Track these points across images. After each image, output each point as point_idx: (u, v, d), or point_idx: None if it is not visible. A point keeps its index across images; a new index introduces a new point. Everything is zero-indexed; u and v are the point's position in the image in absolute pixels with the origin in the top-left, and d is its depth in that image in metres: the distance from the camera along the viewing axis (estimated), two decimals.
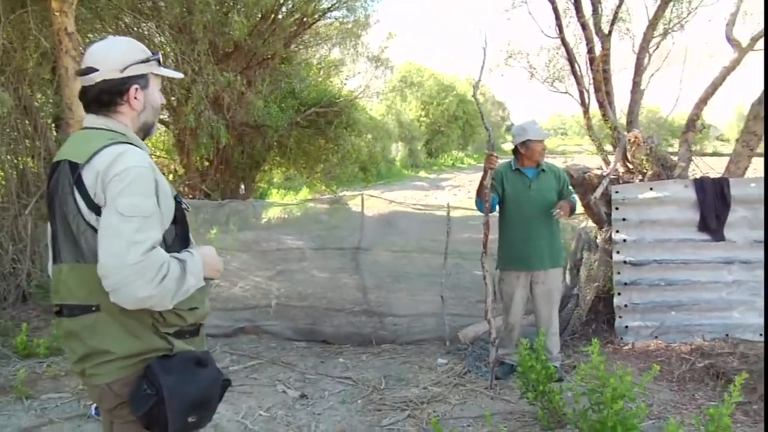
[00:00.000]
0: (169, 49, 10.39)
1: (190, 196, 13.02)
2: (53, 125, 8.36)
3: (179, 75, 2.53)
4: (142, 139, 2.38)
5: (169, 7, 9.43)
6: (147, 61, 2.31)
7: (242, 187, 15.39)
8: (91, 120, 2.29)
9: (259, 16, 11.99)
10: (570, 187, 5.69)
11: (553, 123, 70.52)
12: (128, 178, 2.05)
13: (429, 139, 39.93)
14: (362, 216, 8.42)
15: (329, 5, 13.34)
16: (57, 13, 6.64)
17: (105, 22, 9.53)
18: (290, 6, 12.68)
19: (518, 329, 5.74)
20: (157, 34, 10.91)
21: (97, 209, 2.07)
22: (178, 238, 2.25)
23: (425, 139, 39.33)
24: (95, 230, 2.07)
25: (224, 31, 10.64)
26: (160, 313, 2.15)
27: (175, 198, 2.26)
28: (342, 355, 6.47)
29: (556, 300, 5.67)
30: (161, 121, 13.32)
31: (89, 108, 2.29)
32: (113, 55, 2.26)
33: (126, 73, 2.25)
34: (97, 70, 2.22)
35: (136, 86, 2.29)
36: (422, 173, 34.21)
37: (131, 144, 2.19)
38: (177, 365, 2.15)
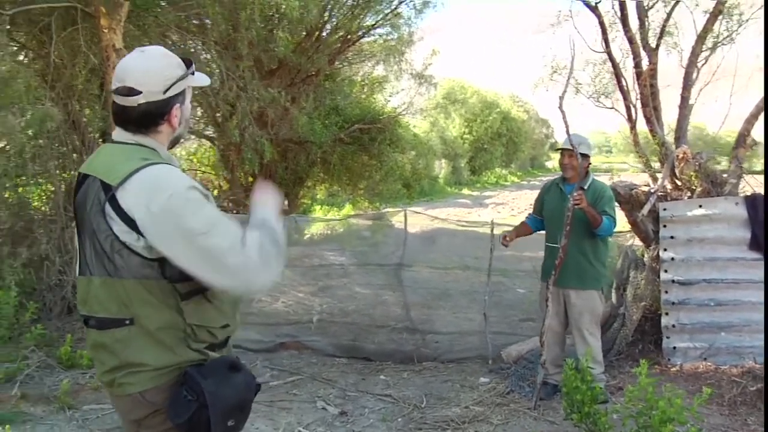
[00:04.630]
0: (215, 66, 10.50)
1: (235, 211, 13.11)
2: (100, 140, 8.48)
3: (208, 81, 2.43)
4: (171, 148, 2.35)
5: (215, 24, 9.52)
6: (185, 76, 2.24)
7: (286, 202, 15.44)
8: (122, 135, 2.22)
9: (304, 33, 12.07)
10: (607, 208, 5.33)
11: (596, 139, 69.34)
12: (179, 201, 2.02)
13: (472, 156, 39.78)
14: (405, 232, 8.36)
15: (373, 22, 13.36)
16: (105, 30, 6.77)
17: (152, 39, 9.68)
18: (334, 23, 12.73)
19: (552, 345, 5.56)
20: (203, 51, 11.05)
21: (139, 231, 2.03)
22: None
23: (468, 157, 39.18)
24: (130, 249, 2.05)
25: (269, 47, 10.72)
26: (191, 328, 2.14)
27: None
28: (383, 373, 6.42)
29: (585, 324, 5.41)
30: (206, 137, 13.47)
31: (126, 126, 2.21)
32: (155, 75, 2.17)
33: (168, 94, 2.19)
34: (140, 92, 2.14)
35: (176, 105, 2.23)
36: (465, 190, 34.08)
37: (164, 163, 2.16)
38: (213, 370, 2.14)
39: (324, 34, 12.66)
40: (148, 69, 2.16)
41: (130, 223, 2.03)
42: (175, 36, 10.07)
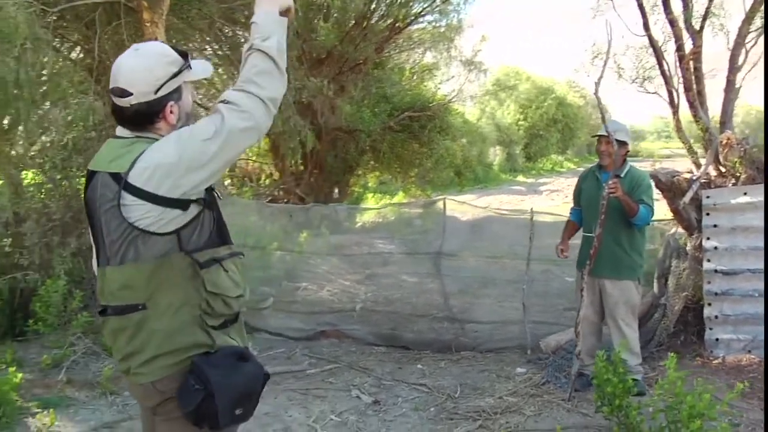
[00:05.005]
0: None
1: (285, 200, 13.23)
2: None
3: (210, 71, 2.44)
4: None
5: None
6: (179, 72, 2.23)
7: (336, 191, 15.51)
8: (123, 131, 2.25)
9: (352, 22, 12.08)
10: (645, 196, 5.23)
11: (655, 125, 67.09)
12: (181, 141, 2.10)
13: (527, 143, 39.20)
14: (443, 220, 8.32)
15: (421, 10, 13.29)
16: (148, 24, 6.86)
17: (203, 31, 9.76)
18: (382, 11, 12.70)
19: (587, 335, 5.46)
20: None
21: (166, 201, 2.08)
22: (215, 227, 2.26)
23: (524, 143, 38.63)
24: (148, 232, 2.10)
25: (313, 37, 10.76)
26: (207, 302, 2.18)
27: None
28: (420, 362, 6.43)
29: (620, 314, 5.28)
30: None
31: (123, 125, 2.25)
32: (145, 75, 2.16)
33: (160, 94, 2.19)
34: (131, 93, 2.15)
35: (171, 102, 2.23)
36: (520, 177, 33.68)
37: None
38: (221, 360, 2.18)
39: (372, 22, 12.63)
40: (138, 69, 2.18)
41: (155, 198, 2.07)
42: (227, 28, 10.15)
